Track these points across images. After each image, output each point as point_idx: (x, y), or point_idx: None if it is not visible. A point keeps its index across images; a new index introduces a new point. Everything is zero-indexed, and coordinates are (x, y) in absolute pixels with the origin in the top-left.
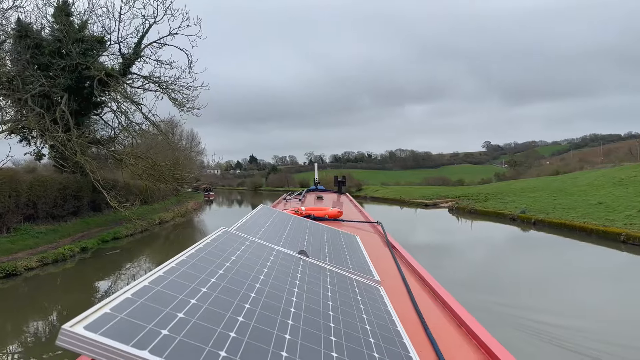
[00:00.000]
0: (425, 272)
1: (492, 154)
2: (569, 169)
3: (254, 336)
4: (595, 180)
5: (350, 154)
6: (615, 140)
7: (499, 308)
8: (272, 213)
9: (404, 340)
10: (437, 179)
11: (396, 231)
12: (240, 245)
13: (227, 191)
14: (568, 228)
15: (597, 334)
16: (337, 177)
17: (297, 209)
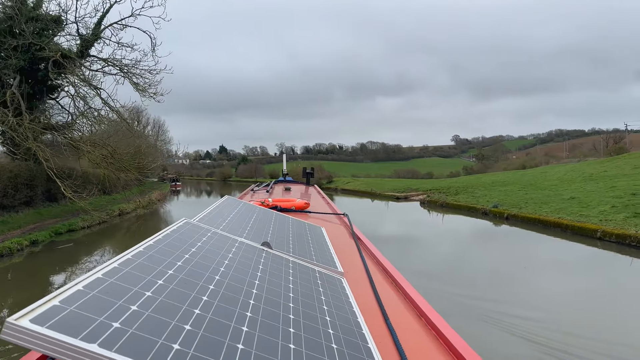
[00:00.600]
0: (389, 264)
1: (460, 148)
2: (535, 163)
3: (210, 328)
4: (566, 174)
5: (321, 145)
6: (580, 136)
7: (464, 300)
8: (237, 204)
9: (363, 331)
10: (407, 171)
11: (366, 224)
12: (202, 236)
13: (196, 181)
14: (542, 223)
15: (558, 325)
16: (306, 168)
17: (264, 200)
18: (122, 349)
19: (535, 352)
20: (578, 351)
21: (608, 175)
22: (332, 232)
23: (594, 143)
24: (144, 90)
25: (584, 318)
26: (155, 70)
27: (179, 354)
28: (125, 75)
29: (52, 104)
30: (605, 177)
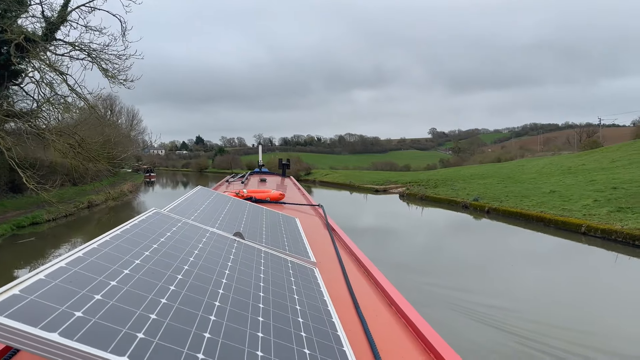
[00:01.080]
0: (362, 255)
1: (437, 141)
2: (510, 156)
3: (177, 318)
4: (544, 168)
5: (299, 137)
6: (554, 130)
7: (439, 290)
8: (210, 195)
9: (333, 319)
10: (385, 163)
11: (345, 216)
12: (172, 226)
13: (171, 172)
14: (524, 217)
15: (529, 314)
16: (282, 160)
17: (238, 191)
18: (84, 338)
19: (499, 338)
20: (546, 339)
21: (586, 168)
22: (306, 223)
23: (568, 137)
24: (114, 76)
25: (556, 308)
26: (124, 56)
27: (143, 343)
28: (94, 60)
29: (16, 90)
30: (584, 170)
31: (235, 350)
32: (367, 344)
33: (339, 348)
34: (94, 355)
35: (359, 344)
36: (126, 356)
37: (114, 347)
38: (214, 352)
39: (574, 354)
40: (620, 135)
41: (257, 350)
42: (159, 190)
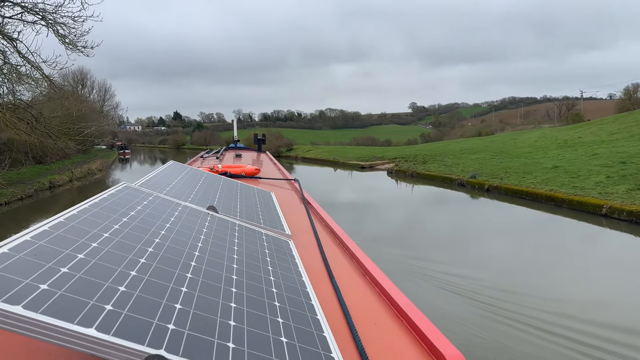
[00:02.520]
0: (337, 227)
1: (417, 115)
2: (491, 130)
3: (147, 290)
4: (537, 141)
5: (279, 112)
6: (532, 103)
7: (422, 265)
8: (183, 169)
9: (307, 289)
10: (366, 138)
11: (328, 195)
12: (142, 200)
13: (148, 149)
14: (531, 196)
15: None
16: (257, 135)
17: (213, 166)
18: (49, 311)
19: (468, 306)
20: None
21: (584, 142)
22: (282, 197)
23: (548, 110)
24: (73, 44)
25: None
26: (81, 18)
27: (111, 314)
28: (48, 24)
29: None
30: (582, 143)
31: (207, 320)
32: (341, 312)
33: (312, 317)
34: (60, 327)
35: (332, 312)
36: (93, 328)
37: (81, 318)
38: (185, 322)
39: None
40: (601, 108)
41: (230, 320)
42: (134, 168)
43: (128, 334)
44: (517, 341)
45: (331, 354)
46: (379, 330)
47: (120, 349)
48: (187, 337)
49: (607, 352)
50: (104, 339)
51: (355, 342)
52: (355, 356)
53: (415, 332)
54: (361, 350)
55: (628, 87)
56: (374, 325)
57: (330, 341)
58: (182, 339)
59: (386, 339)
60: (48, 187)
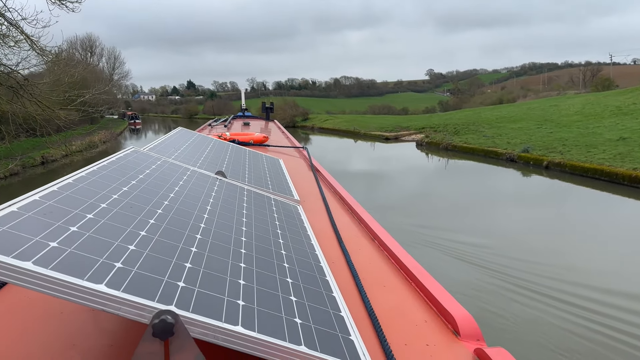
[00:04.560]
0: (346, 193)
1: (435, 82)
2: (512, 97)
3: (157, 249)
4: (584, 108)
5: (293, 81)
6: (553, 69)
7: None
8: (192, 136)
9: (316, 252)
10: (382, 107)
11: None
12: (151, 164)
13: (161, 119)
14: (606, 176)
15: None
16: (265, 103)
17: (221, 134)
18: (59, 267)
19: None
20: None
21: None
22: (290, 164)
23: (572, 76)
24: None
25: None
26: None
27: (121, 271)
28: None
29: None
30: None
31: (217, 279)
32: (350, 274)
33: (321, 278)
34: (70, 283)
35: (341, 274)
36: (103, 284)
37: (91, 275)
38: (195, 280)
39: None
40: (628, 74)
41: (240, 279)
42: (144, 140)
43: (138, 291)
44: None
45: (340, 313)
46: (388, 291)
47: (131, 305)
48: (198, 294)
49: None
50: (114, 295)
51: (364, 303)
52: (364, 315)
53: (424, 293)
54: (370, 310)
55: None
56: (382, 287)
57: (339, 301)
58: (192, 296)
59: (395, 300)
60: (40, 163)
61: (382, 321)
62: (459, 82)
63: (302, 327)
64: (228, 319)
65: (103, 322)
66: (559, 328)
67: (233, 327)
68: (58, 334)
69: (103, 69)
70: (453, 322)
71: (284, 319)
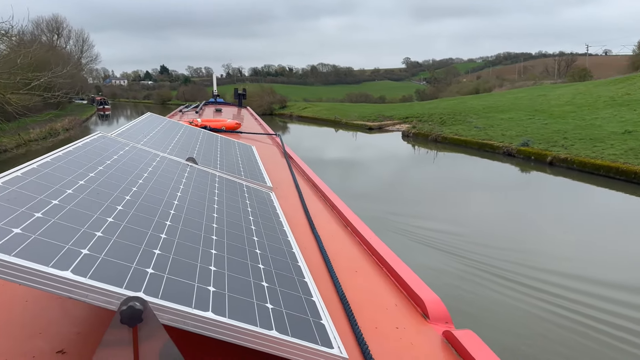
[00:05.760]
0: (319, 180)
1: (411, 71)
2: (488, 86)
3: (125, 235)
4: (575, 98)
5: (270, 67)
6: (528, 59)
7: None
8: (161, 122)
9: (288, 238)
10: (360, 95)
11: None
12: (119, 150)
13: (132, 104)
14: (623, 175)
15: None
16: (237, 89)
17: (192, 120)
18: (23, 253)
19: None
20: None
21: (638, 99)
22: (263, 151)
23: (546, 66)
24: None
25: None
26: None
27: (88, 258)
28: None
29: None
30: (636, 101)
31: (187, 265)
32: (322, 260)
33: (293, 263)
34: (35, 270)
35: (314, 260)
36: (69, 270)
37: (56, 262)
38: (164, 266)
39: None
40: (600, 64)
41: (211, 265)
42: (113, 126)
43: (105, 277)
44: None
45: (312, 298)
46: (360, 276)
47: (98, 292)
48: (167, 280)
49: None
50: (80, 282)
51: (335, 288)
52: (336, 300)
53: (394, 278)
54: (341, 295)
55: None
56: (354, 272)
57: (311, 286)
58: (161, 282)
59: (366, 285)
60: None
61: (353, 305)
62: (435, 70)
63: (273, 312)
64: (198, 305)
65: (71, 309)
66: (527, 312)
67: (203, 313)
68: (23, 322)
69: (71, 52)
70: (422, 305)
71: (255, 304)
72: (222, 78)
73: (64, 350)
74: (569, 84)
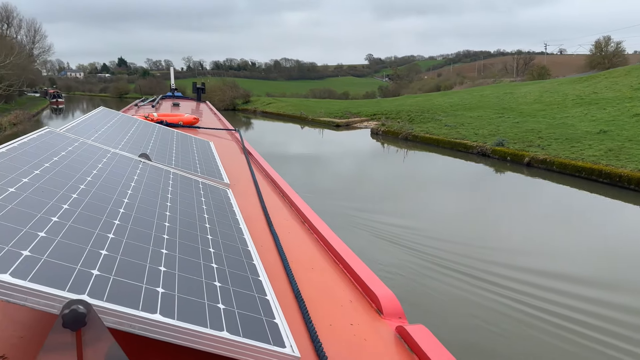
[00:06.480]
0: (278, 177)
1: (374, 67)
2: (449, 84)
3: (70, 236)
4: (542, 96)
5: (232, 61)
6: (487, 57)
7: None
8: (114, 116)
9: (244, 236)
10: (323, 91)
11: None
12: (68, 146)
13: (88, 97)
14: (607, 178)
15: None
16: (196, 83)
17: (148, 114)
18: None
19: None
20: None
21: (605, 97)
22: (221, 147)
23: (505, 64)
24: None
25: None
26: None
27: (28, 260)
28: None
29: None
30: (605, 100)
31: (135, 265)
32: (279, 257)
33: (248, 262)
34: None
35: (270, 258)
36: (8, 273)
37: None
38: (111, 268)
39: None
40: (561, 62)
41: (160, 266)
42: (69, 119)
43: (47, 280)
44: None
45: (265, 297)
46: (316, 273)
47: (39, 295)
48: (113, 282)
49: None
50: (19, 285)
51: (291, 285)
52: (291, 297)
53: (350, 275)
54: (297, 292)
55: (599, 41)
56: (311, 269)
57: (266, 284)
58: (107, 284)
59: (322, 282)
60: None
61: (308, 303)
62: (397, 67)
63: (225, 312)
64: (145, 307)
65: (13, 313)
66: (481, 306)
67: (150, 315)
68: None
69: (22, 42)
70: (377, 301)
71: (206, 305)
72: (182, 71)
73: (5, 356)
74: (535, 82)
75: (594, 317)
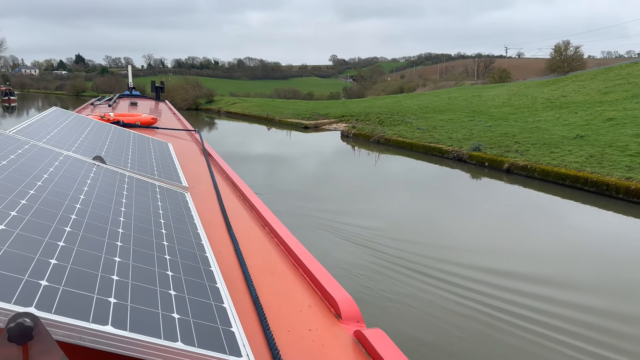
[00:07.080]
0: (238, 179)
1: (338, 68)
2: (412, 86)
3: (17, 245)
4: (510, 99)
5: (194, 59)
6: (448, 60)
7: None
8: (68, 116)
9: (201, 241)
10: (288, 91)
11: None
12: (17, 149)
13: (44, 95)
14: (592, 186)
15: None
16: (155, 82)
17: (104, 114)
18: None
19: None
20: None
21: (575, 102)
22: (180, 148)
23: (466, 67)
24: None
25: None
26: None
27: None
28: None
29: None
30: (575, 104)
31: (86, 275)
32: (238, 262)
33: (205, 269)
34: None
35: (228, 263)
36: None
37: None
38: (60, 278)
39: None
40: (520, 66)
41: (113, 275)
42: (23, 118)
43: None
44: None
45: (222, 304)
46: (275, 278)
47: None
48: (63, 293)
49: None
50: None
51: (249, 291)
52: (249, 304)
53: (309, 278)
54: (255, 298)
55: (559, 45)
56: (270, 274)
57: (223, 291)
58: (56, 295)
59: (281, 287)
60: None
61: (267, 309)
62: (361, 68)
63: (179, 322)
64: (96, 319)
65: None
66: (439, 306)
67: (101, 327)
68: None
69: None
70: (335, 305)
71: (160, 315)
72: (143, 69)
73: None
74: (500, 85)
75: (554, 317)
